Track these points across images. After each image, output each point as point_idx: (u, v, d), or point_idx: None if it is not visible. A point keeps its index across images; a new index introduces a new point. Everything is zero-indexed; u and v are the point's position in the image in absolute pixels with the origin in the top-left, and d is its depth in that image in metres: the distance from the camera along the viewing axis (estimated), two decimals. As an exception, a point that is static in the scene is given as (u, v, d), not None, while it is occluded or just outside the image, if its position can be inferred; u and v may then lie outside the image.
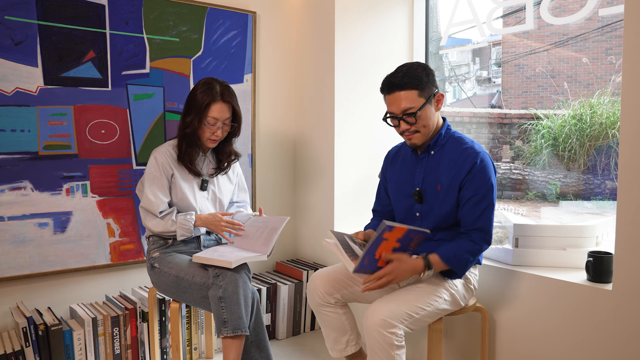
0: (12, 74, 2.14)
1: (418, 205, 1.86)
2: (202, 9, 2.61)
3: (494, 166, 1.82)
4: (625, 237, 1.64)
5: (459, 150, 1.79)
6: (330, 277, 1.89)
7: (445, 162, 1.80)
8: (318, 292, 1.88)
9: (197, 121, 2.02)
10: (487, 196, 1.74)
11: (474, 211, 1.74)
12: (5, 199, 2.16)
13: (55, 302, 2.33)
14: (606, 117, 3.10)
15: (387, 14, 2.81)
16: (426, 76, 1.74)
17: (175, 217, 2.04)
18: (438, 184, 1.80)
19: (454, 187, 1.77)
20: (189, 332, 2.42)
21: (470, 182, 1.74)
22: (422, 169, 1.85)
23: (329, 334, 1.93)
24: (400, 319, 1.61)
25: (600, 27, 3.48)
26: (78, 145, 2.32)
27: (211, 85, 2.04)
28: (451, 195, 1.78)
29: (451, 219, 1.80)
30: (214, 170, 2.18)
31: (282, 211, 3.03)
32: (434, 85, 1.78)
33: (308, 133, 2.94)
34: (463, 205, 1.76)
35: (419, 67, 1.75)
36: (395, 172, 1.97)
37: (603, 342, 1.72)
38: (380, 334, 1.58)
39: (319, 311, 1.91)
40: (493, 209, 1.76)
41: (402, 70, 1.75)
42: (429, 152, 1.84)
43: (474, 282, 1.88)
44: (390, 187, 1.99)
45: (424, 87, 1.73)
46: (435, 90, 1.77)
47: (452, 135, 1.84)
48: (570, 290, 1.81)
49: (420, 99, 1.73)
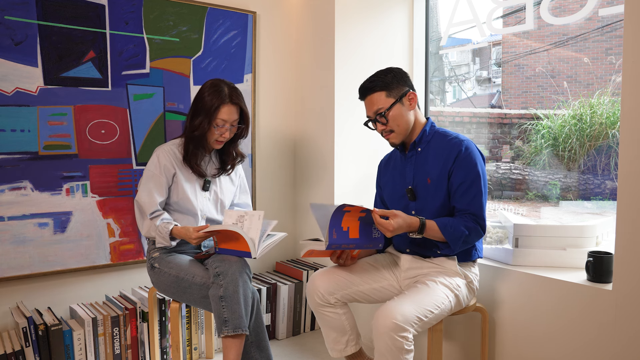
0: (12, 74, 2.14)
1: (412, 203, 1.88)
2: (202, 9, 2.61)
3: (482, 154, 1.85)
4: (625, 237, 1.64)
5: (444, 142, 1.85)
6: (330, 277, 1.89)
7: (432, 156, 1.85)
8: (318, 292, 1.88)
9: (206, 123, 2.01)
10: (475, 182, 1.77)
11: (464, 198, 1.78)
12: (5, 199, 2.16)
13: (55, 302, 2.33)
14: (606, 117, 3.10)
15: (387, 14, 2.81)
16: (392, 78, 1.85)
17: (158, 222, 2.00)
18: (428, 177, 1.83)
19: (442, 177, 1.81)
20: (189, 332, 2.42)
21: (457, 169, 1.78)
22: (411, 166, 1.90)
23: (328, 334, 1.94)
24: (411, 323, 1.61)
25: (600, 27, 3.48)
26: (78, 145, 2.32)
27: (219, 87, 2.03)
28: (442, 187, 1.81)
29: (445, 210, 1.83)
30: (216, 171, 2.17)
31: (282, 211, 3.03)
32: (405, 85, 1.86)
33: (308, 133, 2.94)
34: (454, 193, 1.80)
35: (387, 71, 1.88)
36: (388, 178, 2.01)
37: (603, 342, 1.72)
38: (391, 338, 1.57)
39: (319, 311, 1.91)
40: (483, 196, 1.78)
41: (372, 75, 1.88)
42: (416, 149, 1.89)
43: (476, 282, 1.88)
44: (386, 192, 2.02)
45: (391, 88, 1.84)
46: (407, 89, 1.85)
47: (437, 131, 1.91)
48: (570, 290, 1.81)
49: (388, 99, 1.84)
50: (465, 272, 1.84)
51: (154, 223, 2.01)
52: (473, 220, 1.76)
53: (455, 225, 1.74)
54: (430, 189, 1.83)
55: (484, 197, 1.79)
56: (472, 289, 1.87)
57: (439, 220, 1.76)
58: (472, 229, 1.76)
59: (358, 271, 1.91)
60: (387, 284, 1.90)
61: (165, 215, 2.04)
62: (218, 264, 1.90)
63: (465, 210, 1.78)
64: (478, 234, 1.78)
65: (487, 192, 1.82)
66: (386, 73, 1.86)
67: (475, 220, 1.77)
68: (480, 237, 1.81)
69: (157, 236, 2.01)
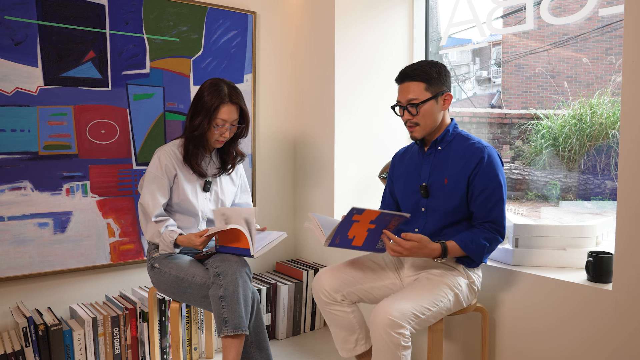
0: (12, 74, 2.14)
1: (424, 200, 1.87)
2: (202, 9, 2.61)
3: (502, 161, 1.85)
4: (625, 237, 1.64)
5: (465, 145, 1.84)
6: (336, 275, 1.88)
7: (452, 158, 1.84)
8: (323, 290, 1.87)
9: (206, 123, 2.01)
10: (496, 191, 1.78)
11: (485, 205, 1.78)
12: (5, 199, 2.16)
13: (55, 302, 2.33)
14: (606, 117, 3.09)
15: (387, 14, 2.81)
16: (437, 74, 1.81)
17: (163, 229, 1.99)
18: (445, 177, 1.83)
19: (461, 181, 1.80)
20: (189, 332, 2.42)
21: (479, 177, 1.78)
22: (429, 164, 1.89)
23: (337, 333, 1.92)
24: (408, 320, 1.61)
25: (600, 27, 3.47)
26: (78, 145, 2.32)
27: (219, 86, 2.03)
28: (459, 190, 1.80)
29: (458, 214, 1.82)
30: (217, 171, 2.17)
31: (282, 211, 3.03)
32: (445, 85, 1.84)
33: (308, 133, 2.94)
34: (474, 200, 1.79)
35: (434, 64, 1.83)
36: (402, 171, 2.00)
37: (603, 342, 1.72)
38: (387, 334, 1.58)
39: (326, 310, 1.90)
40: (504, 203, 1.79)
41: (417, 63, 1.84)
42: (436, 147, 1.89)
43: (478, 283, 1.88)
44: (398, 186, 2.00)
45: (432, 83, 1.80)
46: (445, 89, 1.83)
47: (459, 133, 1.90)
48: (570, 290, 1.81)
49: (426, 92, 1.80)
50: (468, 272, 1.84)
51: (158, 229, 2.00)
52: (492, 230, 1.78)
53: (476, 240, 1.75)
54: (446, 190, 1.82)
55: (504, 204, 1.80)
56: (474, 290, 1.86)
57: (459, 240, 1.76)
58: (491, 239, 1.77)
59: (363, 269, 1.92)
60: (390, 283, 1.90)
61: (169, 222, 2.02)
62: (218, 264, 1.90)
63: (484, 219, 1.78)
64: (497, 242, 1.80)
65: (506, 198, 1.82)
66: (431, 66, 1.82)
67: (494, 229, 1.78)
68: (499, 243, 1.82)
69: (160, 243, 2.00)
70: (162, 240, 1.99)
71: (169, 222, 2.02)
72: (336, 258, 2.79)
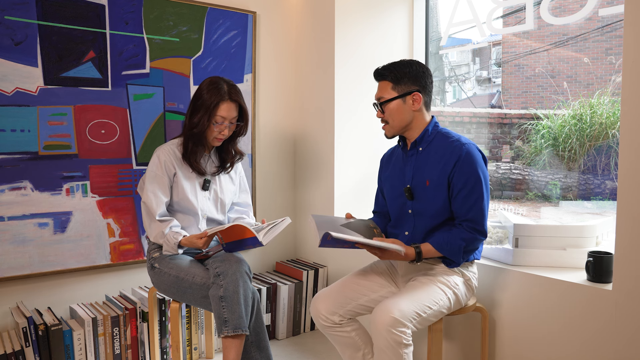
0: (12, 74, 2.14)
1: (410, 203, 1.87)
2: (202, 9, 2.61)
3: (484, 157, 1.82)
4: (625, 237, 1.64)
5: (445, 144, 1.82)
6: (330, 297, 1.87)
7: (432, 158, 1.83)
8: (321, 315, 1.86)
9: (206, 120, 2.01)
10: (476, 187, 1.75)
11: (465, 203, 1.76)
12: (5, 199, 2.16)
13: (55, 302, 2.33)
14: (606, 117, 3.09)
15: (387, 14, 2.81)
16: (409, 74, 1.81)
17: (167, 230, 2.00)
18: (427, 179, 1.82)
19: (442, 181, 1.79)
20: (189, 332, 2.42)
21: (458, 174, 1.76)
22: (411, 166, 1.88)
23: (343, 352, 1.92)
24: (409, 318, 1.62)
25: (600, 27, 3.47)
26: (78, 145, 2.32)
27: (218, 84, 2.03)
28: (441, 191, 1.79)
29: (443, 215, 1.81)
30: (216, 169, 2.17)
31: (282, 211, 3.03)
32: (418, 84, 1.82)
33: (308, 133, 2.94)
34: (454, 198, 1.78)
35: (409, 64, 1.83)
36: (389, 173, 2.00)
37: (603, 342, 1.72)
38: (389, 333, 1.58)
39: (328, 333, 1.89)
40: (484, 200, 1.76)
41: (393, 62, 1.86)
42: (417, 148, 1.88)
43: (474, 280, 1.88)
44: (385, 188, 2.01)
45: (400, 82, 1.82)
46: (415, 89, 1.82)
47: (440, 131, 1.88)
48: (570, 290, 1.81)
49: (392, 92, 1.83)
50: (462, 270, 1.83)
51: (162, 230, 2.00)
52: (470, 229, 1.76)
53: (451, 240, 1.75)
54: (428, 192, 1.82)
55: (486, 201, 1.77)
56: (471, 287, 1.86)
57: (434, 241, 1.77)
58: (469, 239, 1.75)
59: (358, 284, 1.90)
60: (387, 292, 1.89)
61: (173, 223, 2.02)
62: (218, 264, 1.90)
63: (463, 218, 1.77)
64: (477, 241, 1.78)
65: (489, 195, 1.80)
66: (404, 66, 1.82)
67: (472, 228, 1.76)
68: (480, 242, 1.80)
69: (164, 244, 2.00)
70: (166, 242, 1.99)
71: (172, 222, 2.02)
72: (336, 258, 2.79)
